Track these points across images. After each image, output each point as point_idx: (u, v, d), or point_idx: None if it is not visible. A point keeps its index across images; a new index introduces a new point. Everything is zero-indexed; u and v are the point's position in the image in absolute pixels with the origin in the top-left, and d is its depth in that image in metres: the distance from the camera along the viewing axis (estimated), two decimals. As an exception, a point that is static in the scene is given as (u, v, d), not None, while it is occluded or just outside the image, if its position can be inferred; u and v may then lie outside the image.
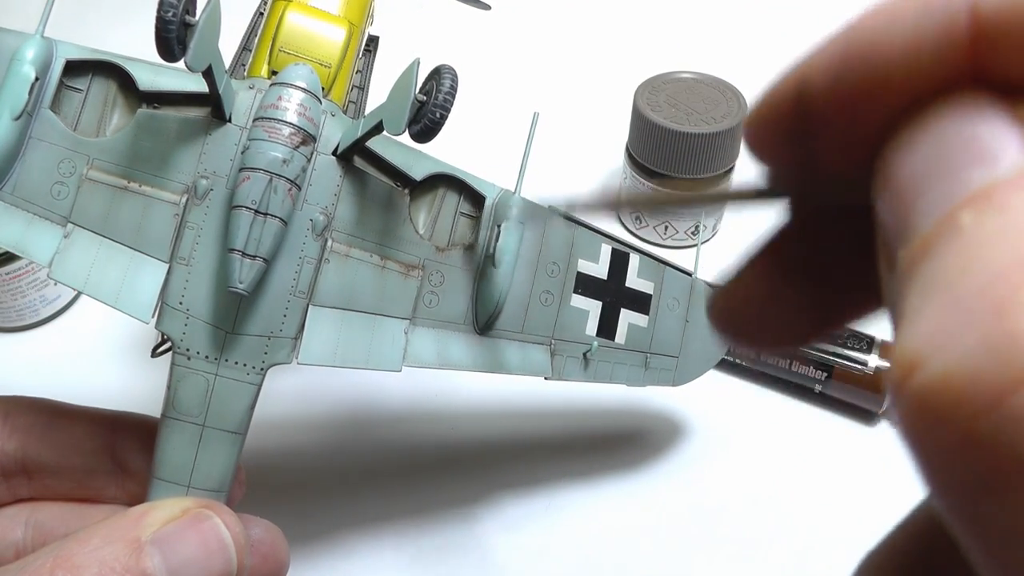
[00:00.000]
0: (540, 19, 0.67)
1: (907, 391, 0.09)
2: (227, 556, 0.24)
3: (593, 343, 0.32)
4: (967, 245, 0.09)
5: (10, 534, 0.28)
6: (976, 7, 0.10)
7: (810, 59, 0.12)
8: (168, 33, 0.21)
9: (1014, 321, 0.08)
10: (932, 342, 0.09)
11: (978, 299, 0.09)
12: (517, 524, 0.37)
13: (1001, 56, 0.10)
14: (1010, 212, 0.09)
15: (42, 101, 0.25)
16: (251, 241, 0.24)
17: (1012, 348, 0.08)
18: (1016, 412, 0.08)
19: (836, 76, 0.11)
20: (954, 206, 0.10)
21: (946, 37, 0.10)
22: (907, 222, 0.10)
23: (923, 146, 0.10)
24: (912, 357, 0.09)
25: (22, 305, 0.42)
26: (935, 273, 0.09)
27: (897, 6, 0.11)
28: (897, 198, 0.11)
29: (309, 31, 0.28)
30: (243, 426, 0.26)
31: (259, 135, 0.25)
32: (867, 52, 0.11)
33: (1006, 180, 0.10)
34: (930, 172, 0.10)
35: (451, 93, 0.23)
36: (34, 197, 0.25)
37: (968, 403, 0.08)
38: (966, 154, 0.10)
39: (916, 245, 0.10)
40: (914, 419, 0.09)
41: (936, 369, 0.09)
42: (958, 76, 0.10)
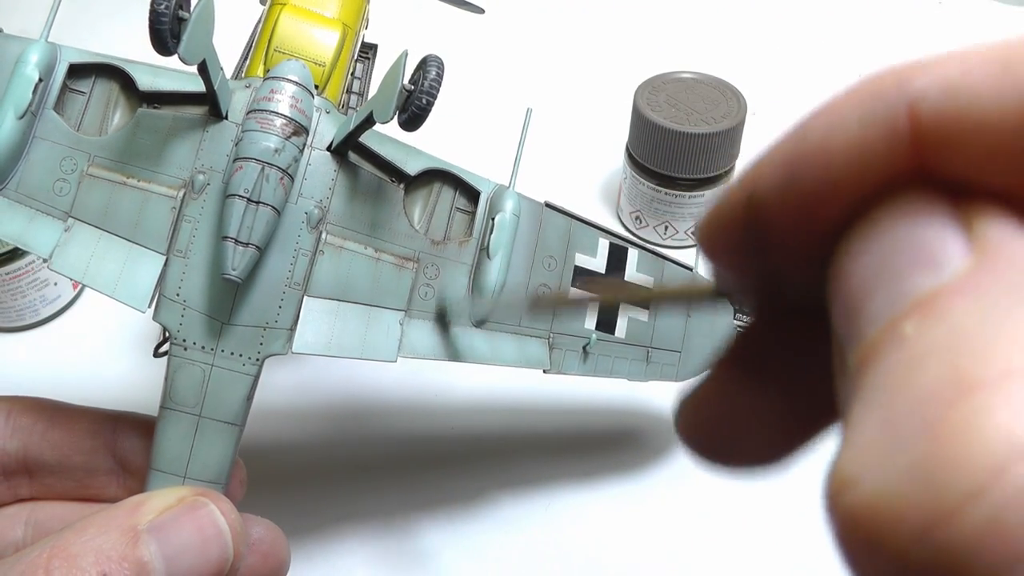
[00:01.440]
0: (540, 19, 0.68)
1: (838, 509, 0.09)
2: (223, 543, 0.24)
3: (592, 336, 0.32)
4: (906, 357, 0.09)
5: (10, 533, 0.28)
6: (915, 108, 0.10)
7: (756, 166, 0.12)
8: (161, 25, 0.22)
9: (945, 444, 0.08)
10: (865, 460, 0.09)
11: (912, 418, 0.08)
12: (517, 523, 0.37)
13: (942, 156, 0.10)
14: (950, 321, 0.09)
15: (46, 102, 0.26)
16: (244, 229, 0.24)
17: (942, 473, 0.08)
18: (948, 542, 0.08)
19: (784, 181, 0.11)
20: (897, 313, 0.10)
21: (888, 139, 0.10)
22: (855, 327, 0.10)
23: (870, 250, 0.10)
24: (845, 474, 0.09)
25: (22, 305, 0.42)
26: (876, 386, 0.09)
27: (839, 110, 0.11)
28: (847, 303, 0.10)
29: (303, 32, 0.29)
30: (240, 417, 0.26)
31: (251, 126, 0.25)
32: (812, 158, 0.11)
33: (949, 286, 0.09)
34: (877, 277, 0.10)
35: (437, 80, 0.24)
36: (37, 193, 0.26)
37: (899, 530, 0.08)
38: (912, 258, 0.10)
39: (863, 351, 0.10)
40: (845, 539, 0.09)
41: (867, 490, 0.09)
42: (904, 176, 0.10)
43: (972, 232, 0.10)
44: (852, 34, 0.66)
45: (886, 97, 0.10)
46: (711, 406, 0.14)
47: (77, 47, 0.27)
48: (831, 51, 0.64)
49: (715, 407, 0.14)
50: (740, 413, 0.14)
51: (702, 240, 0.13)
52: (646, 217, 0.50)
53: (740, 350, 0.14)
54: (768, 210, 0.12)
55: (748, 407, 0.14)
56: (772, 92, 0.56)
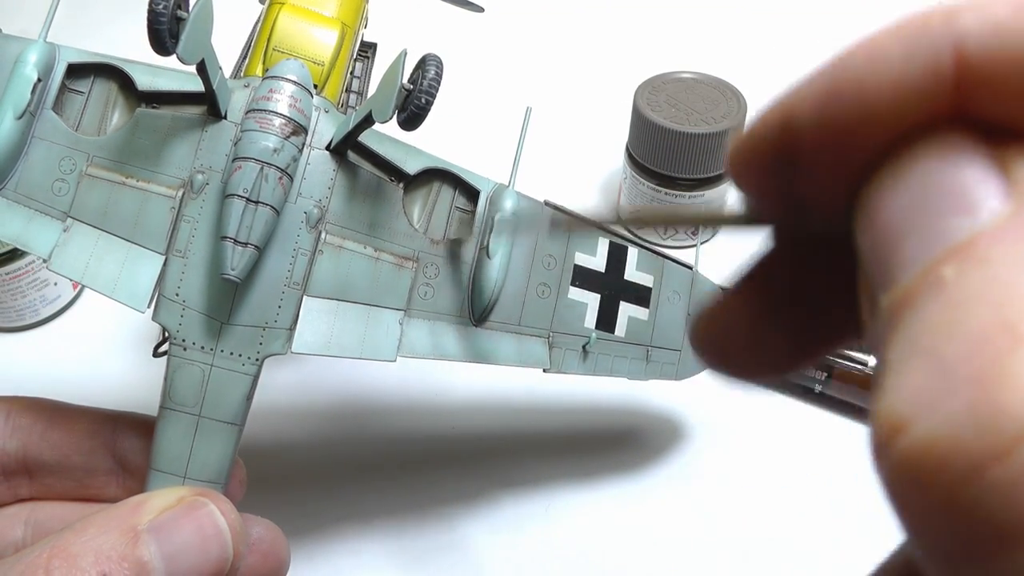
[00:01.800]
0: (540, 19, 0.68)
1: (890, 453, 0.09)
2: (223, 542, 0.24)
3: (592, 335, 0.32)
4: (950, 303, 0.09)
5: (10, 533, 0.28)
6: (960, 47, 0.10)
7: (796, 91, 0.12)
8: (159, 25, 0.22)
9: (997, 390, 0.08)
10: (916, 405, 0.09)
11: (962, 365, 0.09)
12: (517, 523, 0.37)
13: (985, 97, 0.10)
14: (992, 267, 0.09)
15: (45, 102, 0.26)
16: (243, 228, 0.24)
17: (994, 418, 0.08)
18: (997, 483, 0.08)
19: (821, 110, 0.11)
20: (936, 258, 0.10)
21: (931, 76, 0.10)
22: (889, 267, 0.10)
23: (906, 189, 0.10)
24: (896, 419, 0.09)
25: (22, 305, 0.42)
26: (918, 330, 0.09)
27: (883, 42, 0.11)
28: (879, 240, 0.10)
29: (302, 31, 0.29)
30: (239, 417, 0.26)
31: (250, 126, 0.25)
32: (852, 87, 0.11)
33: (988, 231, 0.09)
34: (912, 217, 0.10)
35: (436, 79, 0.24)
36: (36, 194, 0.26)
37: (950, 470, 0.08)
38: (948, 201, 0.10)
39: (898, 295, 0.10)
40: (897, 482, 0.09)
41: (920, 434, 0.09)
42: (943, 115, 0.10)
43: (1012, 175, 0.10)
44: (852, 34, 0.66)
45: (932, 33, 0.10)
46: (726, 319, 0.15)
47: (76, 47, 0.27)
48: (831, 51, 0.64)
49: (729, 321, 0.15)
50: (752, 329, 0.14)
51: (732, 161, 0.13)
52: (645, 218, 0.49)
53: (759, 271, 0.15)
54: (802, 137, 0.11)
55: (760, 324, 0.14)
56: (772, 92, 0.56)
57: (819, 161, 0.11)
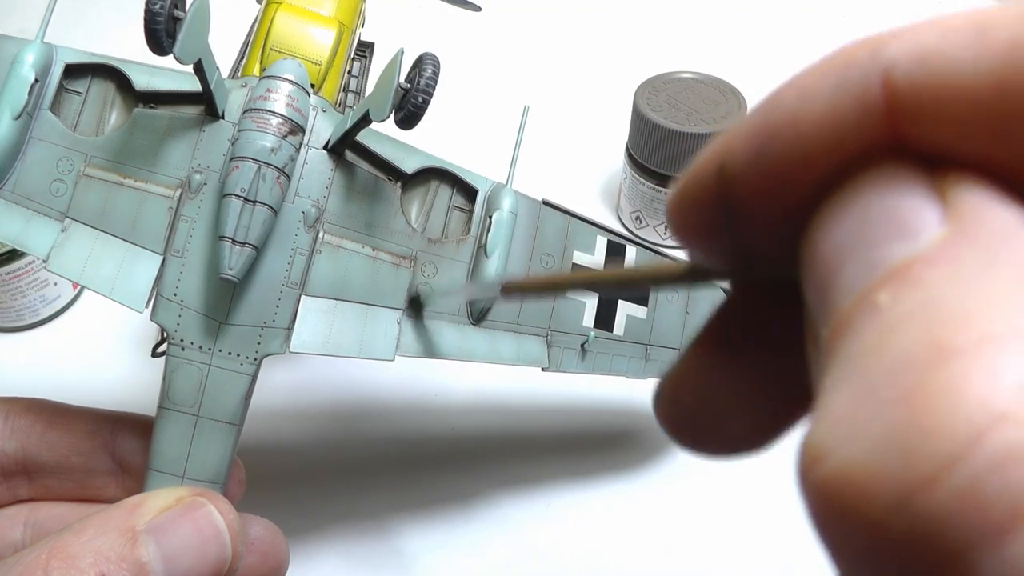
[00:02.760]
0: (538, 18, 0.68)
1: (810, 481, 0.09)
2: (222, 542, 0.24)
3: (590, 334, 0.32)
4: (881, 325, 0.09)
5: (9, 534, 0.28)
6: (888, 77, 0.10)
7: (726, 140, 0.11)
8: (156, 25, 0.22)
9: (922, 410, 0.08)
10: (838, 431, 0.08)
11: (887, 386, 0.08)
12: (516, 523, 0.37)
13: (918, 127, 0.10)
14: (926, 290, 0.09)
15: (42, 102, 0.26)
16: (240, 228, 0.24)
17: (918, 441, 0.08)
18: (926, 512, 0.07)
19: (755, 155, 0.11)
20: (872, 283, 0.09)
21: (862, 110, 0.10)
22: (828, 299, 0.10)
23: (844, 221, 0.10)
24: (817, 446, 0.09)
25: (22, 305, 0.42)
26: (849, 355, 0.09)
27: (811, 80, 0.10)
28: (819, 275, 0.10)
29: (299, 30, 0.28)
30: (238, 417, 0.26)
31: (248, 125, 0.25)
32: (784, 129, 0.11)
33: (924, 255, 0.09)
34: (850, 247, 0.10)
35: (433, 79, 0.24)
36: (33, 194, 0.26)
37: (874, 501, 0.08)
38: (886, 228, 0.10)
39: (835, 324, 0.10)
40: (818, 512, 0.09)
41: (840, 461, 0.08)
42: (878, 147, 0.10)
43: (947, 201, 0.09)
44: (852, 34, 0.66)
45: (859, 65, 0.10)
46: (690, 389, 0.14)
47: (73, 47, 0.27)
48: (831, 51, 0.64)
49: (694, 390, 0.14)
50: (719, 395, 0.14)
51: (671, 216, 0.13)
52: (646, 217, 0.49)
53: (716, 329, 0.14)
54: (738, 184, 0.11)
55: (727, 388, 0.13)
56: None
57: (758, 205, 0.11)
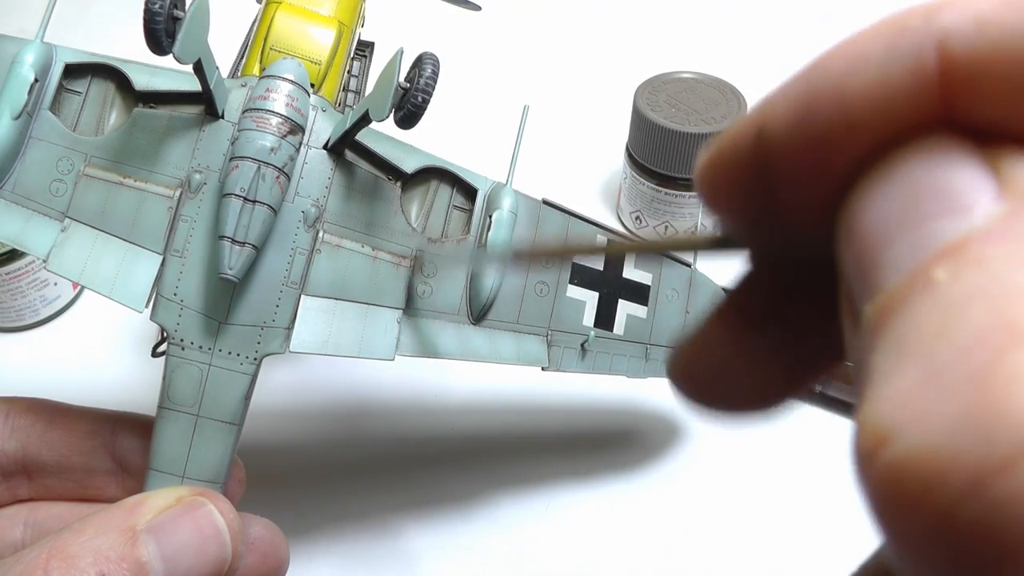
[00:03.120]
0: (538, 18, 0.68)
1: (876, 466, 0.08)
2: (222, 542, 0.24)
3: (590, 333, 0.32)
4: (942, 304, 0.08)
5: (9, 534, 0.28)
6: (945, 48, 0.09)
7: (768, 103, 0.11)
8: (156, 25, 0.22)
9: (998, 392, 0.07)
10: (905, 413, 0.08)
11: (957, 366, 0.08)
12: (516, 522, 0.37)
13: (973, 99, 0.09)
14: (987, 267, 0.08)
15: (42, 102, 0.26)
16: (240, 228, 0.24)
17: (996, 423, 0.07)
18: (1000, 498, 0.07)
19: (797, 121, 0.10)
20: (926, 259, 0.09)
21: (914, 79, 0.10)
22: (873, 275, 0.10)
23: (891, 194, 0.10)
24: (882, 428, 0.08)
25: (22, 305, 0.42)
26: (907, 333, 0.09)
27: (860, 46, 0.10)
28: (862, 249, 0.10)
29: (299, 30, 0.28)
30: (238, 416, 0.26)
31: (247, 125, 0.25)
32: (830, 96, 0.10)
33: (981, 232, 0.09)
34: (898, 222, 0.09)
35: (432, 78, 0.24)
36: (33, 194, 0.26)
37: (946, 485, 0.08)
38: (937, 203, 0.09)
39: (884, 300, 0.09)
40: (884, 497, 0.08)
41: (909, 444, 0.08)
42: (928, 120, 0.10)
43: (1002, 176, 0.09)
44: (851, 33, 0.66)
45: (913, 33, 0.10)
46: (705, 352, 0.14)
47: (73, 47, 0.27)
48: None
49: (709, 353, 0.14)
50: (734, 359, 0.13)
51: (702, 179, 0.12)
52: (646, 217, 0.49)
53: (738, 297, 0.14)
54: (778, 150, 0.11)
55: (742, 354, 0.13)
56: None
57: (797, 174, 0.11)
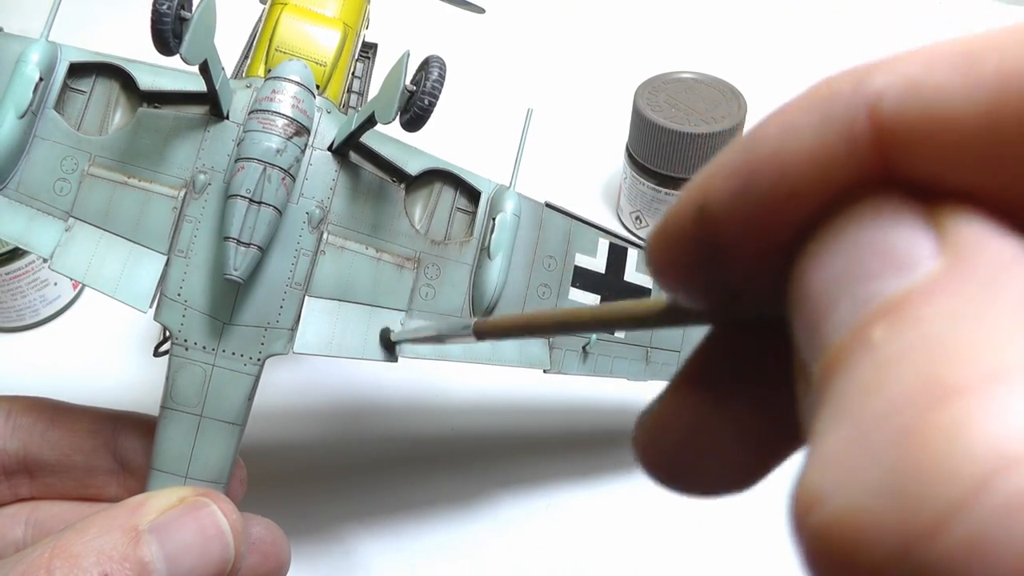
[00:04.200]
0: (541, 19, 0.68)
1: (806, 528, 0.08)
2: (224, 543, 0.24)
3: (592, 336, 0.32)
4: (876, 363, 0.08)
5: (10, 533, 0.28)
6: (876, 111, 0.09)
7: (707, 176, 0.11)
8: (163, 25, 0.22)
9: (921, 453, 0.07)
10: (832, 476, 0.08)
11: (882, 427, 0.08)
12: (517, 523, 0.37)
13: (908, 157, 0.09)
14: (923, 324, 0.08)
15: (46, 101, 0.26)
16: (245, 229, 0.24)
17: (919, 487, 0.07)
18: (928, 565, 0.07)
19: (736, 193, 0.11)
20: (865, 317, 0.09)
21: (848, 145, 0.10)
22: (818, 336, 0.10)
23: (833, 255, 0.10)
24: (812, 491, 0.08)
25: (22, 305, 0.42)
26: (842, 394, 0.09)
27: (794, 116, 0.10)
28: (808, 311, 0.10)
29: (304, 31, 0.29)
30: (241, 417, 0.26)
31: (253, 126, 0.25)
32: (767, 166, 0.10)
33: (920, 289, 0.09)
34: (841, 282, 0.09)
35: (439, 81, 0.24)
36: (37, 193, 0.26)
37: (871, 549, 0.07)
38: (878, 261, 0.09)
39: (827, 360, 0.09)
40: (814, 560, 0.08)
41: (835, 508, 0.08)
42: (866, 180, 0.10)
43: (942, 232, 0.09)
44: (852, 34, 0.67)
45: (843, 98, 0.10)
46: (670, 427, 0.13)
47: (78, 46, 0.27)
48: (831, 51, 0.64)
49: (674, 428, 0.13)
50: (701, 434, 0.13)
51: (651, 257, 0.12)
52: (646, 217, 0.50)
53: (698, 367, 0.14)
54: (720, 223, 0.11)
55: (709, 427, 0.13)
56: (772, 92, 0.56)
57: (740, 244, 0.11)
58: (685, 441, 0.13)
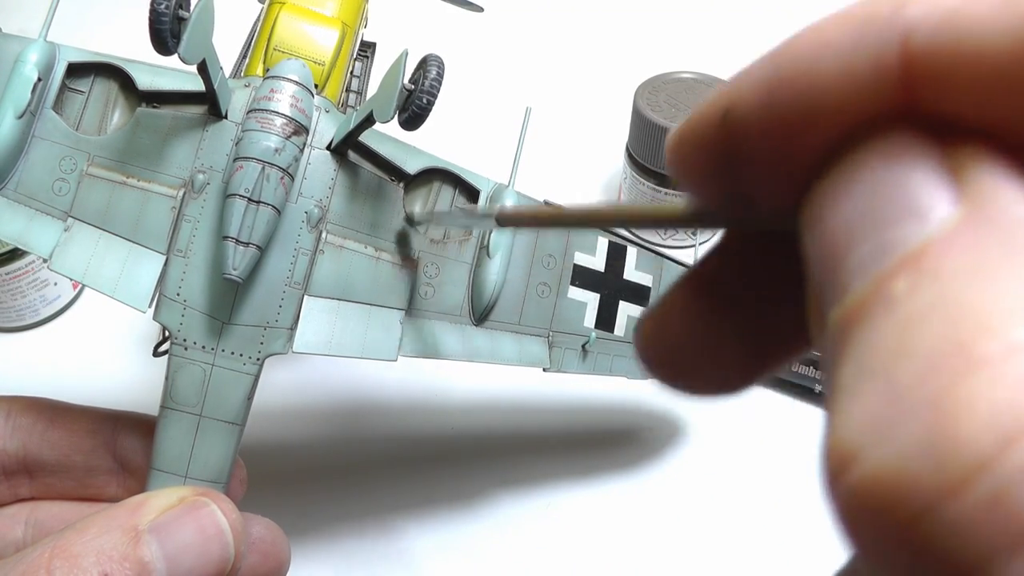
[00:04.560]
0: (540, 19, 0.68)
1: (841, 486, 0.09)
2: (224, 542, 0.24)
3: (591, 335, 0.32)
4: (901, 320, 0.09)
5: (10, 533, 0.28)
6: (907, 39, 0.09)
7: (735, 83, 0.11)
8: (161, 25, 0.22)
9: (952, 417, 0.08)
10: (868, 434, 0.08)
11: (915, 389, 0.08)
12: (517, 522, 0.37)
13: (934, 92, 0.09)
14: (943, 280, 0.09)
15: (45, 101, 0.26)
16: (244, 228, 0.24)
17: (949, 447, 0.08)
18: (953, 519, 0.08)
19: (762, 104, 0.11)
20: (885, 270, 0.09)
21: (877, 69, 0.09)
22: (837, 277, 0.10)
23: (852, 193, 0.10)
24: (847, 448, 0.09)
25: (22, 305, 0.42)
26: (869, 350, 0.09)
27: (828, 33, 0.10)
28: (826, 249, 0.10)
29: (302, 31, 0.28)
30: (240, 417, 0.26)
31: (252, 126, 0.25)
32: (795, 81, 0.10)
33: (936, 240, 0.09)
34: (859, 224, 0.09)
35: (437, 80, 0.24)
36: (36, 193, 0.26)
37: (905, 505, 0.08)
38: (895, 206, 0.09)
39: (847, 310, 0.09)
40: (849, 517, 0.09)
41: (871, 465, 0.08)
42: (891, 112, 0.10)
43: (961, 178, 0.09)
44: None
45: (879, 23, 0.10)
46: (672, 327, 0.14)
47: (76, 46, 0.27)
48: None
49: (676, 328, 0.13)
50: (703, 336, 0.13)
51: (671, 155, 0.12)
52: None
53: (705, 272, 0.14)
54: (744, 131, 0.11)
55: (710, 330, 0.13)
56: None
57: (763, 156, 0.11)
58: (686, 342, 0.13)
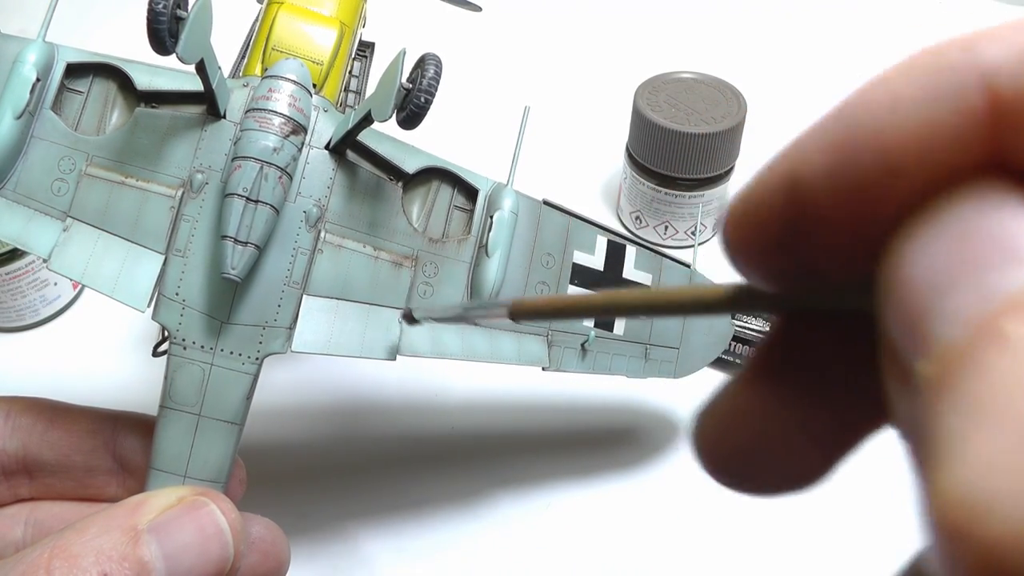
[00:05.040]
0: (539, 18, 0.68)
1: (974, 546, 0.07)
2: (223, 542, 0.24)
3: (590, 334, 0.32)
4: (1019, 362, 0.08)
5: (10, 533, 0.28)
6: (993, 86, 0.09)
7: (798, 148, 0.10)
8: (159, 25, 0.22)
9: None
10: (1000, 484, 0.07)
11: None
12: (517, 522, 0.37)
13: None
14: None
15: (43, 102, 0.26)
16: (243, 228, 0.24)
17: None
18: None
19: (834, 169, 0.10)
20: (992, 312, 0.08)
21: (960, 121, 0.09)
22: (924, 331, 0.09)
23: (941, 243, 0.09)
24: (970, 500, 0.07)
25: (22, 305, 0.42)
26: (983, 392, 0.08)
27: (898, 85, 0.09)
28: (909, 303, 0.09)
29: (301, 30, 0.29)
30: (239, 416, 0.26)
31: (250, 125, 0.25)
32: (868, 140, 0.10)
33: None
34: (952, 272, 0.09)
35: (435, 79, 0.24)
36: (35, 193, 0.26)
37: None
38: (994, 252, 0.09)
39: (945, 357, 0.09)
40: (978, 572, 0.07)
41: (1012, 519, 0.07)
42: (976, 163, 0.09)
43: None
44: (852, 34, 0.67)
45: (954, 70, 0.09)
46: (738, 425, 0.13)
47: (75, 46, 0.27)
48: (831, 51, 0.64)
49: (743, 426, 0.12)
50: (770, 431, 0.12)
51: (732, 235, 0.11)
52: (646, 217, 0.50)
53: (766, 360, 0.13)
54: (815, 200, 0.10)
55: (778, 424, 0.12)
56: (772, 92, 0.56)
57: (833, 226, 0.10)
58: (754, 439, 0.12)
